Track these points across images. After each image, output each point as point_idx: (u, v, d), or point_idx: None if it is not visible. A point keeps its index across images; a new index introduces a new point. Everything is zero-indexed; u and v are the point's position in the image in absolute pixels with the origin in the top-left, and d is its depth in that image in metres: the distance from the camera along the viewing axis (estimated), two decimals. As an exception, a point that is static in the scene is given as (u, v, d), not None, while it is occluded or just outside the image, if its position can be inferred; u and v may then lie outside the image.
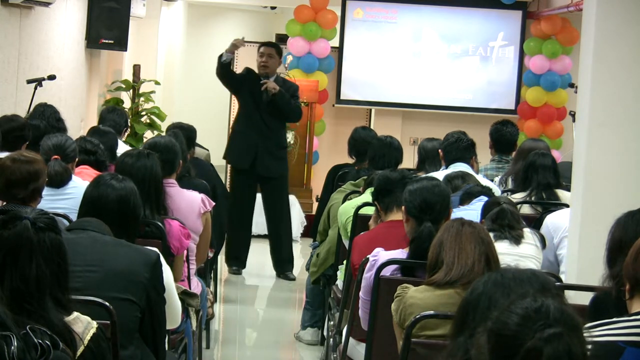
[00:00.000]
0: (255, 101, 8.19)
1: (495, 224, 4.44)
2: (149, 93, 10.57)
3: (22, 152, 4.40)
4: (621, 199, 4.20)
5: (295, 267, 8.66)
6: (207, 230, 5.08)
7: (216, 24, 14.19)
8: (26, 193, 4.20)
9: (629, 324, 2.63)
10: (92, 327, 2.60)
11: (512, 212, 4.50)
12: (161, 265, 3.46)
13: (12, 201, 4.15)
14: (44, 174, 4.36)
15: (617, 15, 4.37)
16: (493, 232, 4.41)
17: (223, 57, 8.16)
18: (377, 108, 11.76)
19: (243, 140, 8.18)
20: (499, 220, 4.45)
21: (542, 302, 1.95)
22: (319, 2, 11.10)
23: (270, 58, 8.27)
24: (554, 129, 11.32)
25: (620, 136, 4.38)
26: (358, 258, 4.38)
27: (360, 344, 4.41)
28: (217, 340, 6.71)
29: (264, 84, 8.11)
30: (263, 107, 8.18)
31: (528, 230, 4.55)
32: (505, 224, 4.44)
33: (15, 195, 4.16)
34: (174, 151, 5.14)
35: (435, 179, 4.30)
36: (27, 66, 7.63)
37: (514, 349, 1.90)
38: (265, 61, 8.24)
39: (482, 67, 11.56)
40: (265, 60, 8.25)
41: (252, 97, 8.20)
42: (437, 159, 6.58)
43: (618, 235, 3.23)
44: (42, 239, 2.54)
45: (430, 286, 3.40)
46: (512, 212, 4.51)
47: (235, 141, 8.40)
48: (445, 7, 11.53)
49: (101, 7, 9.38)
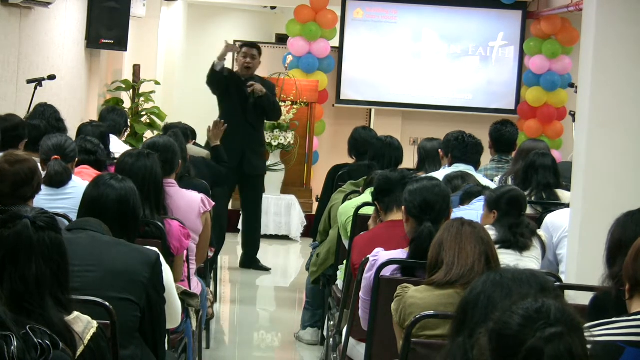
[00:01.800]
0: (240, 102, 8.27)
1: (510, 233, 4.45)
2: (149, 93, 10.57)
3: (11, 153, 4.43)
4: (621, 199, 4.19)
5: (295, 267, 8.68)
6: (207, 230, 5.08)
7: (216, 24, 14.18)
8: (32, 190, 4.29)
9: (629, 324, 2.63)
10: (92, 326, 2.59)
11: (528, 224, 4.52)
12: (161, 265, 3.46)
13: (19, 202, 4.18)
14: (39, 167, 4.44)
15: (617, 15, 4.37)
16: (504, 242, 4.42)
17: (216, 66, 8.20)
18: (377, 108, 11.77)
19: (229, 141, 8.19)
20: (515, 229, 4.46)
21: (543, 302, 1.95)
22: (319, 2, 11.10)
23: (253, 59, 8.37)
24: (554, 129, 11.32)
25: (620, 136, 4.38)
26: (358, 258, 4.38)
27: (360, 344, 4.41)
28: (217, 340, 6.71)
29: (250, 86, 8.19)
30: (248, 108, 8.31)
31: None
32: (518, 233, 4.46)
33: (24, 195, 4.22)
34: (173, 151, 5.14)
35: (435, 179, 4.30)
36: (27, 66, 7.63)
37: (515, 349, 1.90)
38: (249, 62, 8.33)
39: (482, 67, 11.56)
40: (249, 61, 8.33)
41: (237, 99, 8.28)
42: (437, 159, 6.59)
43: (617, 236, 3.23)
44: (41, 238, 2.54)
45: (430, 286, 3.40)
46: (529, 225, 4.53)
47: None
48: (445, 7, 11.53)
49: (101, 7, 9.38)
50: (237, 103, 8.30)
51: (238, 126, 8.22)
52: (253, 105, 8.28)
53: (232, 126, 8.08)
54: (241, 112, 8.29)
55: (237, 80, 8.32)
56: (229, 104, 8.35)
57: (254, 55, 8.39)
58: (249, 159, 8.37)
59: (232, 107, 8.31)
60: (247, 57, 8.34)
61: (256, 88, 8.24)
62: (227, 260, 9.32)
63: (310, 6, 11.12)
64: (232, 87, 8.30)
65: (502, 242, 4.42)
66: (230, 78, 8.35)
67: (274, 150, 10.29)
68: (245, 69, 8.33)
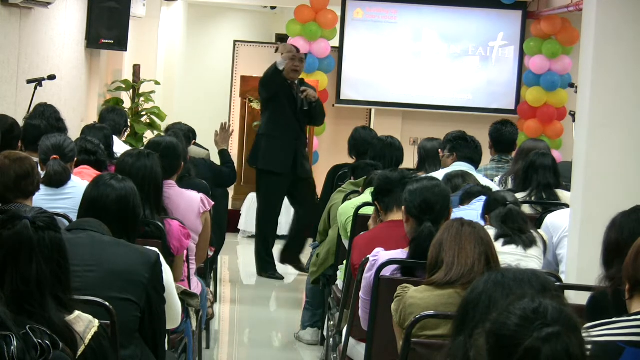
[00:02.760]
0: (290, 106, 8.19)
1: (507, 227, 4.43)
2: (149, 93, 10.57)
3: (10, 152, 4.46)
4: (621, 199, 4.19)
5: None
6: (206, 230, 5.07)
7: (216, 24, 14.19)
8: (33, 186, 4.32)
9: (629, 324, 2.63)
10: (93, 326, 2.59)
11: (520, 214, 4.51)
12: (161, 265, 3.46)
13: (22, 197, 4.21)
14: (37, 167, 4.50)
15: (617, 15, 4.36)
16: (504, 237, 4.41)
17: (280, 65, 8.11)
18: (377, 108, 11.76)
19: (282, 145, 8.16)
20: (510, 224, 4.45)
21: (540, 303, 1.95)
22: (319, 2, 11.10)
23: (301, 63, 8.26)
24: (554, 129, 11.31)
25: (620, 136, 4.38)
26: (358, 258, 4.38)
27: (360, 344, 4.41)
28: (217, 340, 6.71)
29: (304, 91, 8.14)
30: (298, 112, 8.22)
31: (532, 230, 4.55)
32: (516, 228, 4.45)
33: (26, 189, 4.25)
34: (175, 152, 5.14)
35: (435, 179, 4.30)
36: (27, 66, 7.63)
37: (513, 349, 1.90)
38: (297, 65, 8.21)
39: (482, 67, 11.56)
40: (298, 64, 8.22)
41: (286, 102, 8.19)
42: (437, 159, 6.58)
43: (614, 236, 3.23)
44: (42, 237, 2.54)
45: (430, 286, 3.40)
46: (521, 214, 4.52)
47: (272, 146, 8.31)
48: (445, 7, 11.53)
49: (101, 7, 9.38)
50: (287, 106, 8.21)
51: (290, 129, 8.20)
52: (302, 109, 8.20)
53: (283, 129, 8.09)
54: (292, 116, 8.21)
55: (284, 82, 8.20)
56: (278, 107, 8.25)
57: (302, 59, 8.31)
58: (301, 163, 8.32)
59: (282, 111, 8.23)
60: (296, 61, 8.25)
61: (310, 93, 8.15)
62: (227, 260, 9.32)
63: (310, 6, 11.12)
64: (282, 90, 8.20)
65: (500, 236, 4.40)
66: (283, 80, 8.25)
67: (274, 150, 10.27)
68: (293, 72, 8.23)
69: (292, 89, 8.21)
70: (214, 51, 13.92)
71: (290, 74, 8.19)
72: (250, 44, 12.19)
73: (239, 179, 10.27)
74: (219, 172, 7.09)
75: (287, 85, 8.19)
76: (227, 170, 7.21)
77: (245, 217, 10.30)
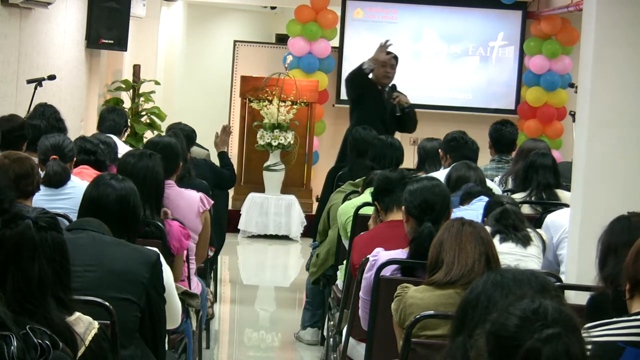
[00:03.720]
0: (376, 111, 8.12)
1: (500, 225, 4.44)
2: (149, 93, 10.57)
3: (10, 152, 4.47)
4: (621, 199, 4.19)
5: (295, 267, 8.67)
6: (206, 229, 5.07)
7: (216, 24, 14.18)
8: (33, 186, 4.33)
9: (629, 324, 2.63)
10: (93, 327, 2.59)
11: (515, 212, 4.51)
12: (161, 265, 3.46)
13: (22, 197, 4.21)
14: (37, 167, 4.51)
15: (617, 15, 4.36)
16: (499, 233, 4.41)
17: (365, 66, 8.03)
18: (377, 108, 11.75)
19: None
20: (503, 221, 4.45)
21: (540, 303, 1.95)
22: (319, 2, 11.10)
23: (392, 69, 8.18)
24: (554, 129, 11.32)
25: (620, 136, 4.37)
26: (358, 258, 4.38)
27: (360, 344, 4.41)
28: (217, 340, 6.71)
29: (395, 97, 8.05)
30: (385, 117, 8.13)
31: (530, 229, 4.55)
32: (509, 224, 4.45)
33: (26, 189, 4.25)
34: (175, 152, 5.13)
35: (435, 179, 4.29)
36: (27, 66, 7.63)
37: (513, 350, 1.90)
38: (388, 71, 8.14)
39: (482, 67, 11.56)
40: (389, 70, 8.15)
41: (373, 106, 8.12)
42: (437, 159, 6.59)
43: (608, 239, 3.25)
44: (44, 238, 2.54)
45: (430, 286, 3.40)
46: (516, 212, 4.52)
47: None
48: (445, 7, 11.53)
49: (101, 7, 9.38)
50: (373, 111, 8.13)
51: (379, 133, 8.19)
52: (393, 114, 8.12)
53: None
54: (380, 122, 8.09)
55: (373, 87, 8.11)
56: (365, 112, 8.18)
57: (393, 66, 8.23)
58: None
59: (368, 116, 8.12)
60: (387, 67, 8.15)
61: (402, 99, 8.05)
62: (227, 260, 9.32)
63: (310, 6, 11.13)
64: (369, 94, 8.13)
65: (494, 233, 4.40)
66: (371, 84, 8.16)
67: (274, 150, 10.29)
68: (385, 78, 8.15)
69: (382, 94, 8.10)
70: (214, 51, 13.92)
71: (382, 79, 8.11)
72: (250, 44, 12.18)
73: (239, 179, 10.28)
74: (220, 173, 7.09)
75: (377, 90, 8.08)
76: (228, 173, 7.21)
77: (245, 217, 10.29)
